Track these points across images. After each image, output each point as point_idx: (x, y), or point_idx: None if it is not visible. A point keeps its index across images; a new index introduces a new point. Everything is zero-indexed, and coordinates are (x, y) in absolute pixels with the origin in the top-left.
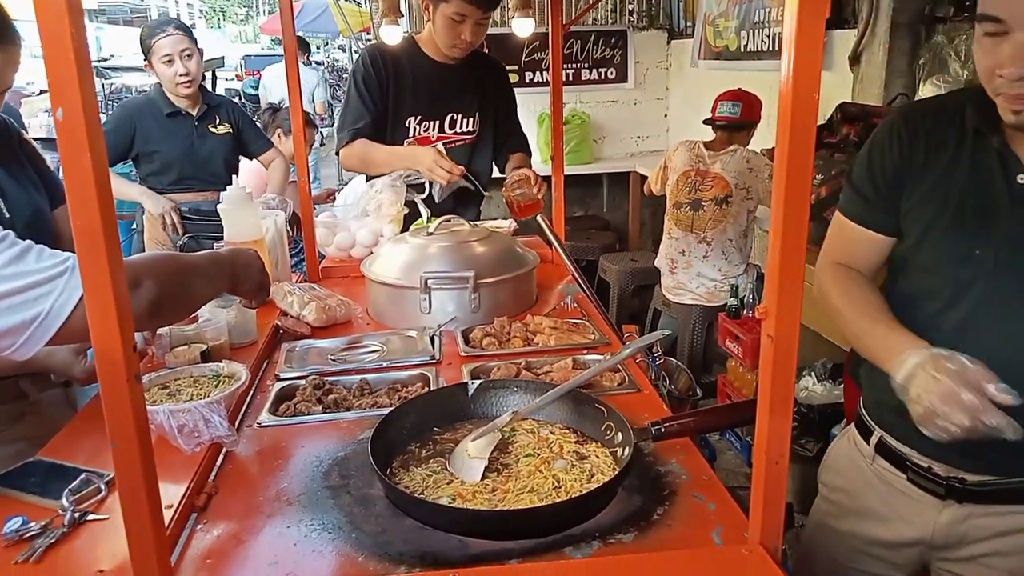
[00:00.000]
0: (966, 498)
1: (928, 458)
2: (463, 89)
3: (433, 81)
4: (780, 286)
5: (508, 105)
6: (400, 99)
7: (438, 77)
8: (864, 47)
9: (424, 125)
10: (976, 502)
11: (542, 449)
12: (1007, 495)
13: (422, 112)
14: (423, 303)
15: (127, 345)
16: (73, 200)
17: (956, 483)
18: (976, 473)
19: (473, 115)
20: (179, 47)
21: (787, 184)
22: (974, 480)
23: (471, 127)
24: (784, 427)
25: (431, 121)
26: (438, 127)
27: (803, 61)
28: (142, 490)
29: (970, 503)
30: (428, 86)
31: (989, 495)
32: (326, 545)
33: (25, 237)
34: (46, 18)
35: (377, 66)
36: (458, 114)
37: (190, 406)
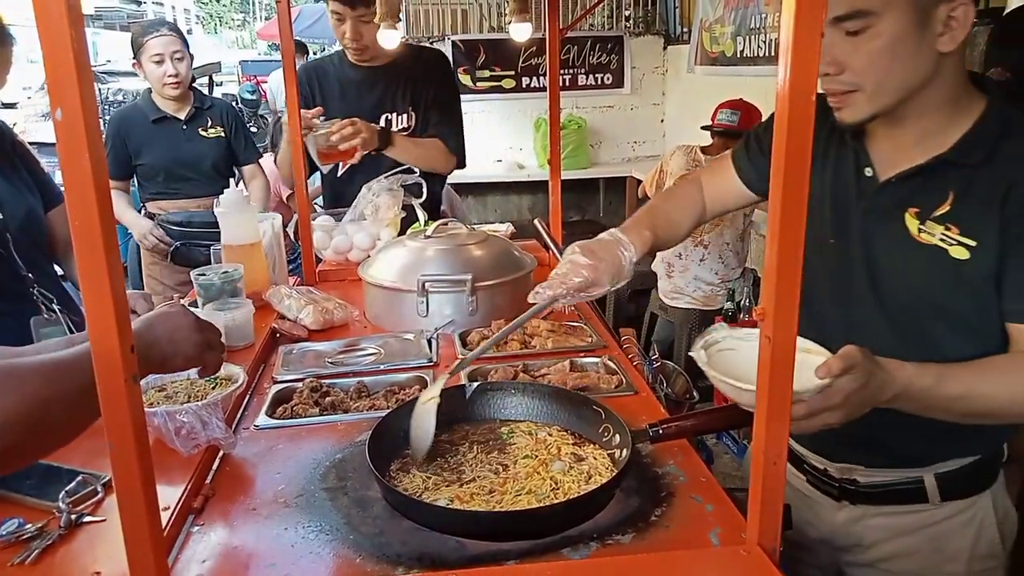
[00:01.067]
0: (859, 499)
1: (824, 459)
2: (394, 88)
3: (362, 87)
4: (777, 288)
5: (436, 94)
6: (330, 112)
7: (366, 82)
8: None
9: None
10: (869, 503)
11: (540, 451)
12: (898, 495)
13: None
14: (420, 306)
15: (125, 346)
16: (72, 200)
17: (848, 485)
18: (870, 468)
19: (407, 111)
20: (170, 48)
21: (784, 187)
22: (866, 482)
23: (406, 123)
24: (782, 429)
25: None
26: None
27: (800, 65)
28: (139, 492)
29: (863, 504)
30: (357, 93)
31: (881, 496)
32: (324, 547)
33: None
34: (46, 19)
35: (310, 85)
36: (392, 113)
37: (187, 408)
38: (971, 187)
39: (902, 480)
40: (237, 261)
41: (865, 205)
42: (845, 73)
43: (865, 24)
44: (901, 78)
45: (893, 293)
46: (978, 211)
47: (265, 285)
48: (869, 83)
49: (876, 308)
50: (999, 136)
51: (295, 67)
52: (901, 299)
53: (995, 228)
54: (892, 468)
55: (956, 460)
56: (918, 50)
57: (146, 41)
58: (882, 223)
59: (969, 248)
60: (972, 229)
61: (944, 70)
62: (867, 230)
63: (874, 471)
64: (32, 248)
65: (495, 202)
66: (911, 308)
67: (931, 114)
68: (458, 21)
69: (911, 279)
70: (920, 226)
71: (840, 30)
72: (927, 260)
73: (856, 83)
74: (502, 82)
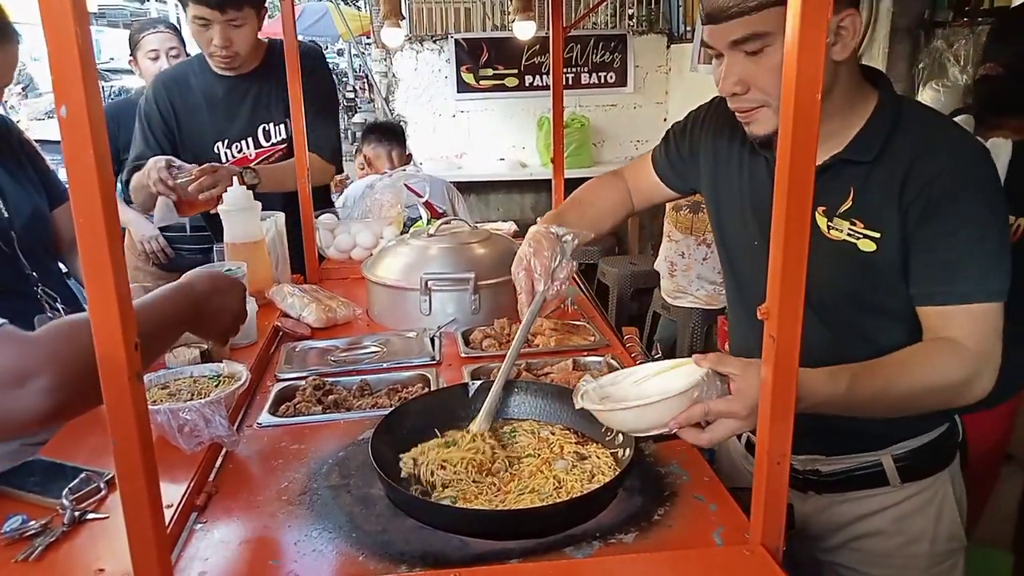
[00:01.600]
0: (823, 489)
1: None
2: (266, 96)
3: (230, 98)
4: (782, 286)
5: (309, 101)
6: (196, 128)
7: (234, 92)
8: (864, 51)
9: (236, 147)
10: (832, 491)
11: (543, 450)
12: (859, 481)
13: (228, 134)
14: (423, 304)
15: (129, 343)
16: (76, 196)
17: (811, 475)
18: (830, 456)
19: (284, 120)
20: (166, 45)
21: (789, 185)
22: (827, 471)
23: (285, 134)
24: (786, 428)
25: (241, 140)
26: (253, 143)
27: (805, 65)
28: (143, 489)
29: (827, 492)
30: (225, 105)
31: (843, 483)
32: (326, 545)
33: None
34: (51, 15)
35: (161, 101)
36: (268, 123)
37: (190, 406)
38: (868, 182)
39: (861, 465)
40: (240, 259)
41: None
42: (751, 91)
43: (763, 44)
44: None
45: (817, 290)
46: (878, 204)
47: (268, 283)
48: (773, 98)
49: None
50: (891, 129)
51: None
52: (825, 295)
53: (895, 218)
54: (851, 454)
55: (912, 440)
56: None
57: (142, 38)
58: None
59: (875, 240)
60: (875, 221)
61: (840, 76)
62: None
63: (834, 459)
64: (37, 246)
65: (497, 200)
66: (836, 304)
67: (831, 118)
68: (461, 19)
69: (828, 275)
70: (828, 223)
71: (740, 52)
72: (839, 255)
73: (762, 99)
74: (505, 80)
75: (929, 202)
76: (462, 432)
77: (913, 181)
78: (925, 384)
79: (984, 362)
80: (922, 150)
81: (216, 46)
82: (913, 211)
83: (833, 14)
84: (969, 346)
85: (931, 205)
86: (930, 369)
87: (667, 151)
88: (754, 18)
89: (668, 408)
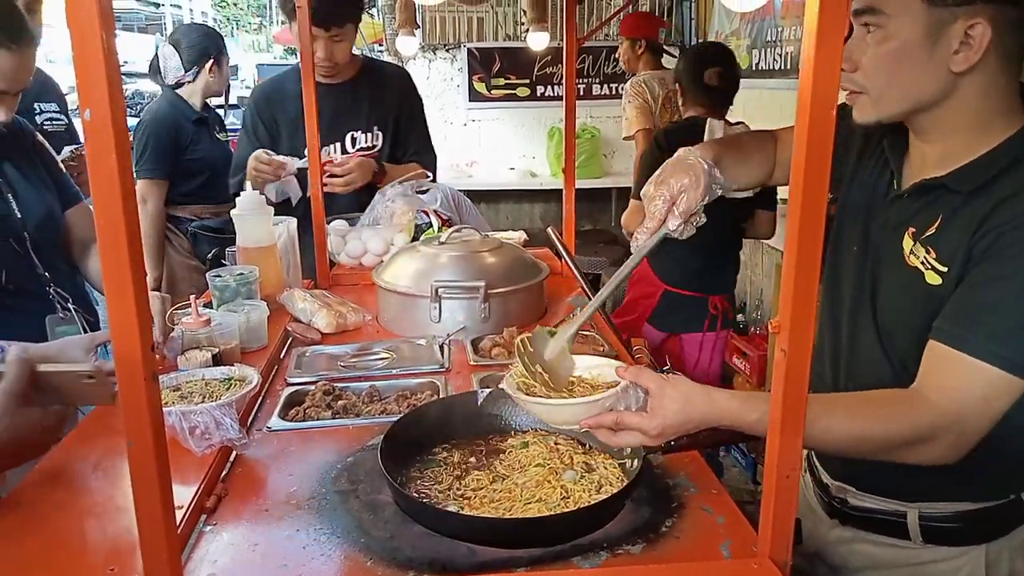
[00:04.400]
0: (848, 521)
1: (828, 473)
2: (358, 106)
3: (323, 106)
4: (794, 300)
5: (407, 114)
6: (293, 131)
7: (330, 100)
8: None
9: (325, 151)
10: (856, 527)
11: (551, 459)
12: (881, 525)
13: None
14: (433, 312)
15: (145, 344)
16: (98, 198)
17: (839, 504)
18: (861, 491)
19: (371, 129)
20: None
21: (803, 199)
22: (855, 504)
23: (371, 142)
24: (796, 442)
25: (331, 144)
26: (339, 148)
27: (822, 76)
28: (156, 488)
29: (851, 526)
30: (319, 112)
31: (865, 522)
32: (335, 549)
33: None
34: (77, 21)
35: (260, 108)
36: (357, 131)
37: (202, 408)
38: (956, 214)
39: (886, 511)
40: (252, 263)
41: (880, 218)
42: (857, 72)
43: (877, 22)
44: (905, 89)
45: (883, 310)
46: (955, 238)
47: (279, 287)
48: (873, 87)
49: (872, 331)
50: (1008, 166)
51: (312, 73)
52: (890, 320)
53: (963, 253)
54: (879, 496)
55: (944, 504)
56: (927, 64)
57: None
58: (887, 239)
59: (941, 275)
60: (946, 255)
61: (962, 91)
62: (876, 244)
63: (864, 495)
64: (49, 247)
65: (507, 209)
66: (898, 332)
67: (953, 135)
68: (474, 29)
69: (897, 301)
70: (912, 247)
71: (863, 27)
72: (909, 282)
73: (863, 84)
74: (516, 90)
75: (995, 243)
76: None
77: (991, 220)
78: (865, 432)
79: (947, 425)
80: (1019, 190)
81: (320, 58)
82: (977, 250)
83: (963, 18)
84: (939, 401)
85: (995, 246)
86: (877, 418)
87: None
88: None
89: (582, 411)
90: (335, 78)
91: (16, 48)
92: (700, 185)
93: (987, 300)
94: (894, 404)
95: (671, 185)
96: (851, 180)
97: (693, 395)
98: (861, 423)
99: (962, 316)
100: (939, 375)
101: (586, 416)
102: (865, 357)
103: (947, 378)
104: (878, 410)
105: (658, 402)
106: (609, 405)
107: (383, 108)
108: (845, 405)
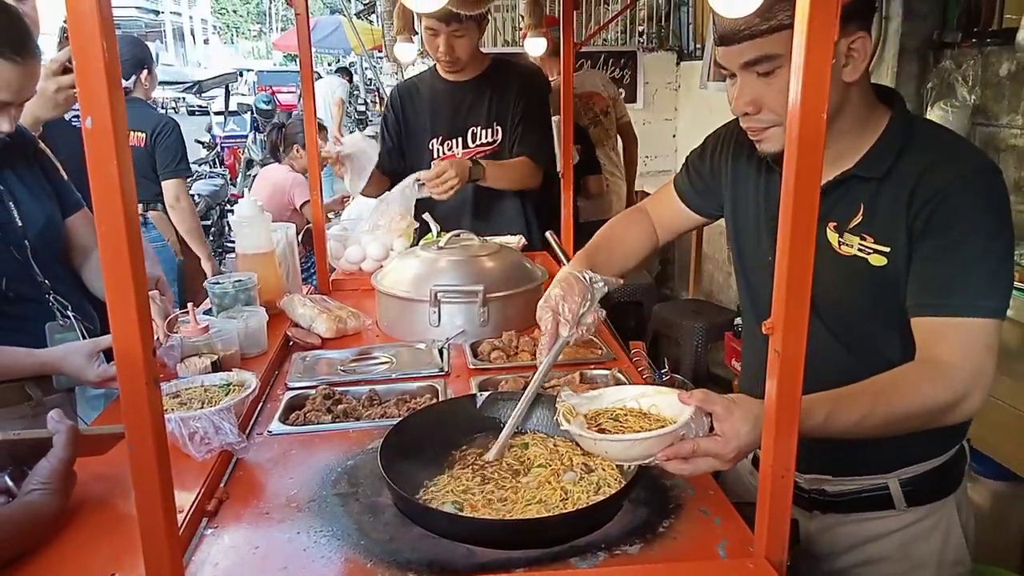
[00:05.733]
0: (828, 508)
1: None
2: (480, 102)
3: (451, 101)
4: (787, 301)
5: (524, 110)
6: (419, 126)
7: (456, 96)
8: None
9: (447, 144)
10: (837, 511)
11: (551, 461)
12: (865, 503)
13: (443, 133)
14: (432, 316)
15: (147, 349)
16: (99, 205)
17: (817, 495)
18: (838, 477)
19: (491, 125)
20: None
21: (794, 201)
22: (833, 491)
23: (491, 137)
24: (790, 442)
25: (453, 139)
26: (461, 143)
27: (811, 83)
28: (157, 492)
29: (832, 512)
30: (446, 107)
31: (848, 504)
32: (335, 552)
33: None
34: (79, 31)
35: (395, 103)
36: (478, 127)
37: (201, 413)
38: (878, 197)
39: (868, 487)
40: (251, 269)
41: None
42: (763, 111)
43: (774, 66)
44: None
45: (827, 304)
46: (887, 219)
47: (279, 293)
48: (784, 118)
49: (816, 320)
50: (901, 147)
51: (312, 79)
52: (837, 311)
53: (903, 232)
54: (858, 476)
55: (920, 464)
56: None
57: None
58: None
59: (885, 254)
60: (884, 236)
61: (851, 97)
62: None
63: (841, 480)
64: (49, 254)
65: None
66: (849, 319)
67: (841, 137)
68: None
69: (840, 291)
70: (839, 239)
71: (752, 73)
72: (851, 270)
73: (773, 119)
74: None
75: (933, 214)
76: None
77: (920, 194)
78: (909, 410)
79: (973, 381)
80: (931, 164)
81: (441, 52)
82: (918, 223)
83: (843, 37)
84: (956, 363)
85: (935, 217)
86: (914, 395)
87: (689, 176)
88: (765, 40)
89: (656, 444)
90: (460, 74)
91: (21, 61)
92: (575, 292)
93: (953, 267)
94: (922, 379)
95: (550, 298)
96: (734, 205)
97: (761, 412)
98: (899, 405)
99: (938, 287)
100: (944, 343)
101: (660, 448)
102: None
103: (952, 342)
104: (910, 388)
105: (729, 424)
106: (681, 434)
107: (505, 105)
108: (872, 393)
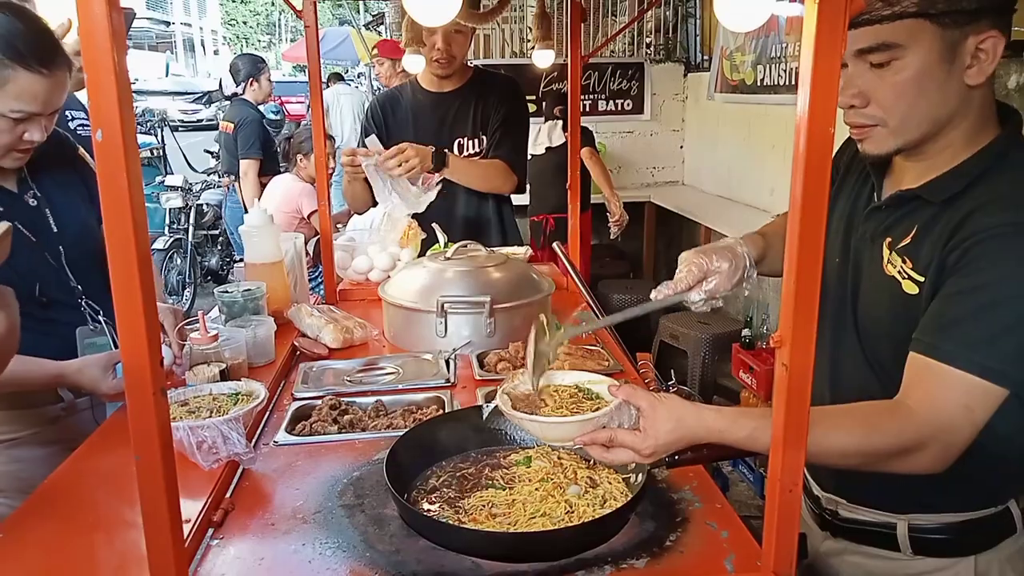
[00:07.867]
0: (839, 533)
1: (819, 486)
2: (464, 113)
3: (435, 112)
4: (795, 314)
5: (504, 119)
6: (403, 139)
7: (438, 107)
8: None
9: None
10: (846, 538)
11: (555, 474)
12: (871, 537)
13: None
14: (439, 327)
15: (154, 359)
16: (108, 217)
17: (830, 516)
18: (852, 503)
19: (477, 135)
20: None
21: (802, 214)
22: (846, 516)
23: (477, 148)
24: (798, 457)
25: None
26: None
27: (819, 95)
28: (163, 502)
29: (842, 538)
30: (431, 119)
31: (856, 533)
32: (340, 564)
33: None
34: (90, 44)
35: (375, 115)
36: (463, 138)
37: (209, 423)
38: (931, 224)
39: (876, 522)
40: (259, 279)
41: (860, 229)
42: (870, 106)
43: (891, 57)
44: (926, 113)
45: (865, 323)
46: (930, 248)
47: (286, 303)
48: (893, 117)
49: (853, 336)
50: (978, 175)
51: (321, 89)
52: (870, 328)
53: (936, 264)
54: (870, 508)
55: (934, 515)
56: (945, 84)
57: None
58: (867, 249)
59: (918, 284)
60: (922, 265)
61: (972, 104)
62: (856, 254)
63: (855, 507)
64: (84, 260)
65: None
66: (876, 338)
67: (943, 150)
68: (480, 46)
69: (877, 310)
70: (889, 256)
71: (865, 62)
72: (888, 291)
73: (880, 117)
74: None
75: (967, 252)
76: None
77: (964, 230)
78: (847, 446)
79: (932, 434)
80: (990, 200)
81: (438, 49)
82: (951, 259)
83: (972, 35)
84: (921, 411)
85: (968, 256)
86: (866, 430)
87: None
88: (886, 28)
89: (576, 428)
90: (444, 84)
91: (48, 73)
92: (736, 276)
93: (962, 311)
94: (880, 416)
95: (710, 260)
96: (836, 195)
97: (685, 414)
98: (847, 436)
99: (939, 327)
100: (921, 386)
101: (580, 433)
102: (849, 366)
103: (929, 388)
104: (864, 422)
105: (651, 421)
106: (603, 423)
107: (486, 115)
108: (832, 417)
